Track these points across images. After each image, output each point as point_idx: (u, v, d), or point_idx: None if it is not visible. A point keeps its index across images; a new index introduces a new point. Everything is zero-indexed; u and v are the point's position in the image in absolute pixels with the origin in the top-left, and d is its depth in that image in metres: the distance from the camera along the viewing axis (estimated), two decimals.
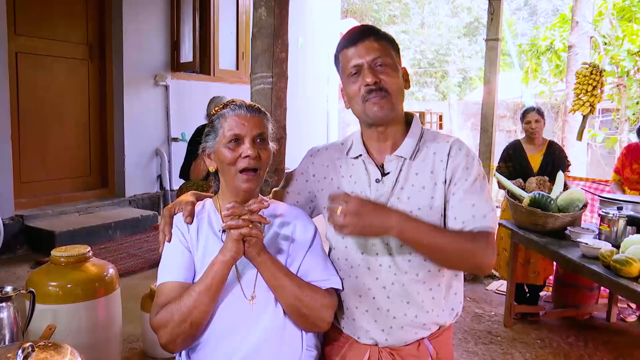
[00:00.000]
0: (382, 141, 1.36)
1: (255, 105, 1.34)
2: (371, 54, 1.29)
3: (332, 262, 1.38)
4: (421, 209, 1.29)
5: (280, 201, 1.47)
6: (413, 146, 1.34)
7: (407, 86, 1.38)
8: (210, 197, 1.43)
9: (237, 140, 1.28)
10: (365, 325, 1.34)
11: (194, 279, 1.27)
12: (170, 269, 1.28)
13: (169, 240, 1.31)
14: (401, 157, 1.33)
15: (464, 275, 1.45)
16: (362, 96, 1.29)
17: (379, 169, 1.35)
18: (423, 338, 1.34)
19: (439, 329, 1.36)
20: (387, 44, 1.32)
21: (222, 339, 1.23)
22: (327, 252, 1.42)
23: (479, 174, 1.32)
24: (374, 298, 1.32)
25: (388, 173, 1.33)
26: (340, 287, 1.33)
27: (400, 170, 1.32)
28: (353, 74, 1.31)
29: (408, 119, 1.39)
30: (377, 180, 1.33)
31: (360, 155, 1.37)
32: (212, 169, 1.36)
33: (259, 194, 1.40)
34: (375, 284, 1.32)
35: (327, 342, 1.43)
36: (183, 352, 1.29)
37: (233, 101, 1.33)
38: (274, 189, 1.55)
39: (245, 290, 1.26)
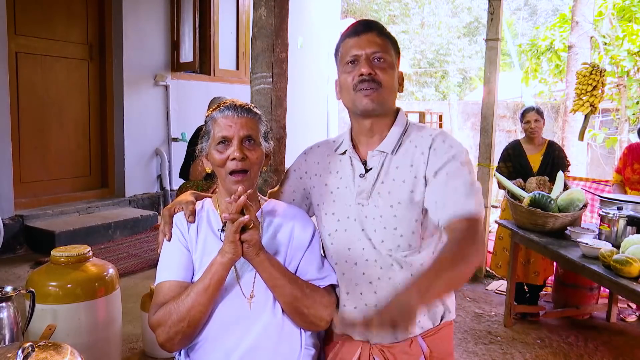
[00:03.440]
0: (370, 135, 1.37)
1: (246, 105, 1.33)
2: (371, 47, 1.30)
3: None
4: (401, 203, 1.29)
5: (278, 200, 1.48)
6: (395, 140, 1.34)
7: (400, 89, 1.38)
8: (210, 196, 1.44)
9: (225, 142, 1.28)
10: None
11: (192, 278, 1.28)
12: (169, 268, 1.28)
13: (169, 239, 1.31)
14: (383, 152, 1.34)
15: None
16: (354, 85, 1.30)
17: (363, 164, 1.36)
18: (416, 336, 1.33)
19: (433, 326, 1.36)
20: (389, 43, 1.33)
21: (220, 337, 1.24)
22: None
23: (463, 160, 1.28)
24: (361, 294, 1.33)
25: (371, 169, 1.34)
26: (336, 283, 1.34)
27: (382, 165, 1.33)
28: (349, 63, 1.31)
29: (395, 113, 1.39)
30: (361, 175, 1.34)
31: (347, 150, 1.39)
32: (208, 169, 1.36)
33: (258, 193, 1.40)
34: (362, 279, 1.32)
35: (325, 340, 1.43)
36: (182, 351, 1.30)
37: (225, 102, 1.33)
38: (270, 190, 1.55)
39: (244, 290, 1.26)
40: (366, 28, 1.32)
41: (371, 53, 1.29)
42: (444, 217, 1.24)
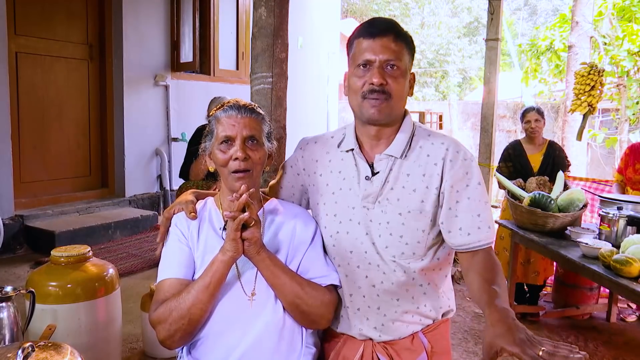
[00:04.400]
0: (375, 140, 1.35)
1: (249, 105, 1.33)
2: (386, 53, 1.26)
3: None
4: (411, 212, 1.28)
5: (276, 195, 1.48)
6: (404, 144, 1.32)
7: (411, 93, 1.36)
8: (212, 195, 1.44)
9: (228, 141, 1.29)
10: (358, 324, 1.34)
11: (193, 276, 1.28)
12: (170, 266, 1.29)
13: (159, 241, 1.34)
14: (391, 156, 1.32)
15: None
16: (363, 93, 1.28)
17: (369, 166, 1.34)
18: (417, 332, 1.34)
19: (433, 322, 1.36)
20: (405, 47, 1.29)
21: (221, 335, 1.24)
22: None
23: (479, 177, 1.31)
24: (364, 296, 1.33)
25: (378, 172, 1.32)
26: (338, 283, 1.34)
27: (391, 169, 1.31)
28: (362, 67, 1.28)
29: (402, 117, 1.38)
30: (367, 178, 1.32)
31: (352, 149, 1.36)
32: (211, 168, 1.37)
33: (260, 192, 1.40)
34: (365, 282, 1.32)
35: (324, 339, 1.43)
36: (184, 349, 1.30)
37: (229, 102, 1.33)
38: (270, 184, 1.55)
39: (245, 288, 1.26)
40: (383, 31, 1.27)
41: (384, 60, 1.26)
42: (464, 244, 1.29)
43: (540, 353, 0.95)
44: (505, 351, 0.98)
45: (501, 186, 3.38)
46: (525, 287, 3.61)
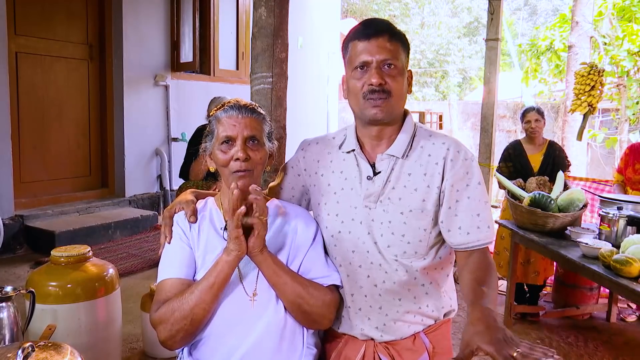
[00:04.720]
0: (377, 140, 1.35)
1: (250, 105, 1.33)
2: (382, 53, 1.26)
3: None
4: (412, 211, 1.29)
5: (276, 196, 1.48)
6: (405, 144, 1.33)
7: (410, 90, 1.36)
8: (212, 195, 1.44)
9: (229, 141, 1.28)
10: (359, 324, 1.34)
11: (194, 276, 1.28)
12: (171, 266, 1.28)
13: (169, 242, 1.32)
14: (393, 156, 1.32)
15: None
16: (364, 94, 1.28)
17: (371, 166, 1.34)
18: (419, 332, 1.34)
19: (435, 322, 1.37)
20: (400, 45, 1.30)
21: (222, 336, 1.24)
22: None
23: (479, 177, 1.32)
24: (365, 296, 1.33)
25: (379, 172, 1.33)
26: (340, 283, 1.34)
27: (392, 169, 1.32)
28: (359, 69, 1.29)
29: (403, 116, 1.38)
30: (369, 178, 1.33)
31: (353, 150, 1.37)
32: (212, 168, 1.37)
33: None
34: (367, 281, 1.32)
35: (325, 339, 1.43)
36: (185, 349, 1.30)
37: (229, 102, 1.33)
38: (270, 185, 1.55)
39: (246, 288, 1.26)
40: (378, 31, 1.28)
41: (381, 60, 1.26)
42: (464, 243, 1.30)
43: (515, 354, 0.96)
44: (481, 350, 0.99)
45: (501, 186, 3.38)
46: (525, 287, 3.61)
